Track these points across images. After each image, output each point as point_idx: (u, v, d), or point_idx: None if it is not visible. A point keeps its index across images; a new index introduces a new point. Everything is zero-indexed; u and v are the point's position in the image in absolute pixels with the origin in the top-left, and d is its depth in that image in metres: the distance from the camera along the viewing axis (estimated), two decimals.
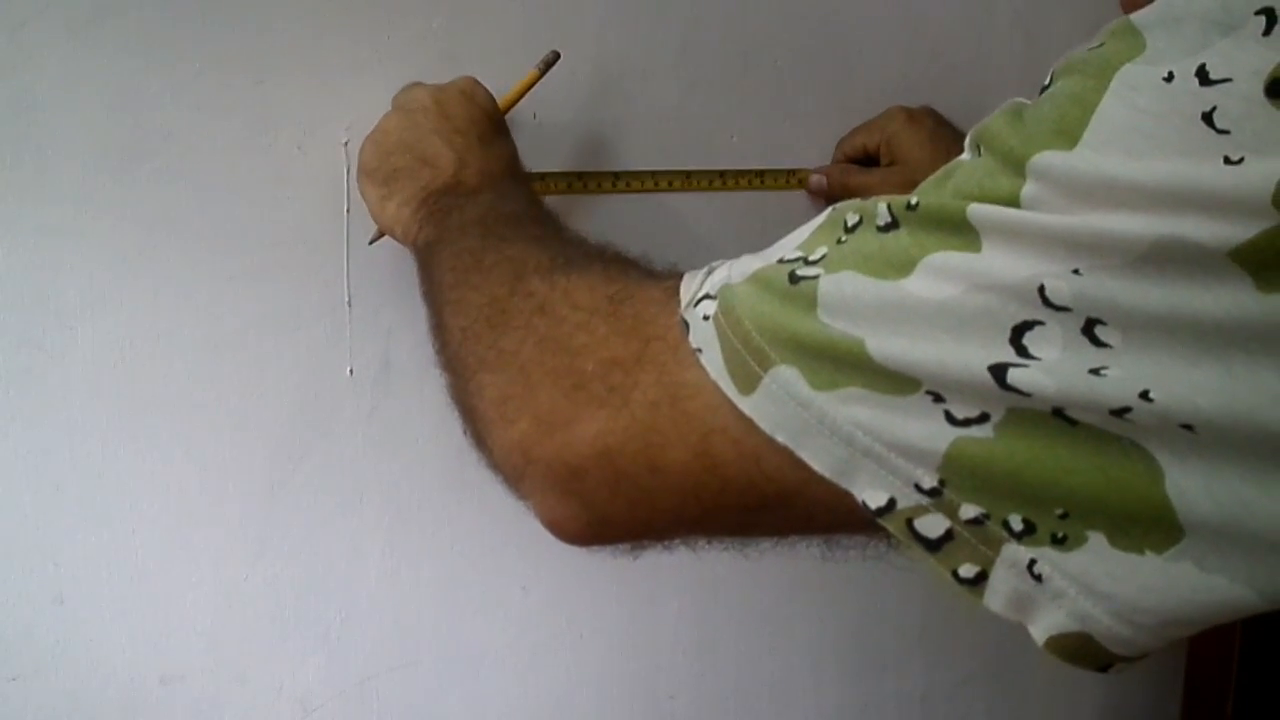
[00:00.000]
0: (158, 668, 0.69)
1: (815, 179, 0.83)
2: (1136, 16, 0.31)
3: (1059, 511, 0.31)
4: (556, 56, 0.70)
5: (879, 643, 0.94)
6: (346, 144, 0.69)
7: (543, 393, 0.41)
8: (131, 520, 0.67)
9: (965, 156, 0.35)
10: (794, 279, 0.36)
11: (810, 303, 0.34)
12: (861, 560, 0.40)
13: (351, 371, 0.72)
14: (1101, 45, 0.32)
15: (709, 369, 0.37)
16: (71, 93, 0.62)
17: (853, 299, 0.34)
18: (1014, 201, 0.32)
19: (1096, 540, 0.31)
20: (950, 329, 0.32)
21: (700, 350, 0.37)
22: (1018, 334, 0.31)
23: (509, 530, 0.78)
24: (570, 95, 0.75)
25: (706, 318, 0.37)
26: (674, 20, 0.77)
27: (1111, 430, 0.30)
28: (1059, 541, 0.31)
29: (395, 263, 0.71)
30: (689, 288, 0.40)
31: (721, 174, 0.80)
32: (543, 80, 0.70)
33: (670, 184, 0.78)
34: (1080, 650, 0.32)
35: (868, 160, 0.83)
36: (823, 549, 0.41)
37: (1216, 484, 0.29)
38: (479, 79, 0.66)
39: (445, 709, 0.78)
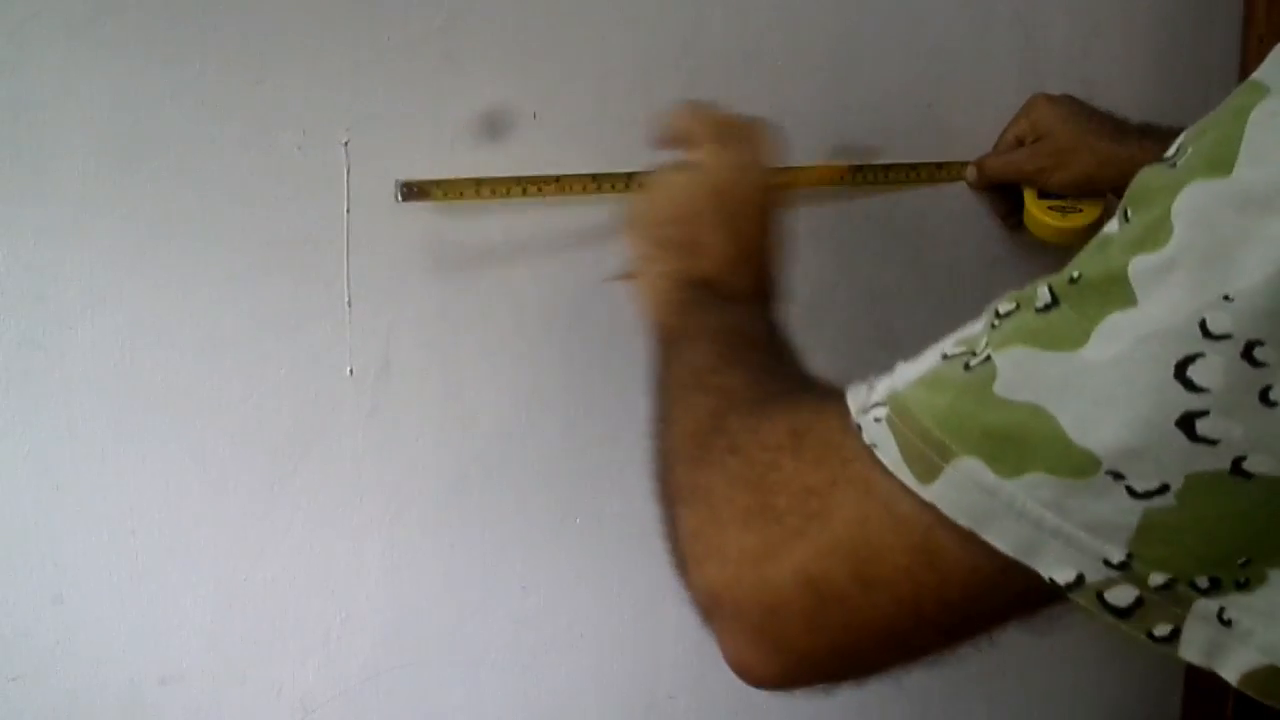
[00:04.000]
0: (158, 668, 0.69)
1: (969, 170, 0.85)
2: (1256, 75, 0.34)
3: (1241, 560, 0.33)
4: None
5: None
6: (346, 144, 0.69)
7: (731, 533, 0.42)
8: (131, 520, 0.67)
9: (1113, 226, 0.36)
10: (967, 368, 0.37)
11: (987, 382, 0.36)
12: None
13: (351, 371, 0.72)
14: (1227, 102, 0.34)
15: (884, 459, 0.37)
16: (71, 93, 0.62)
17: (1032, 373, 0.35)
18: (1169, 240, 0.33)
19: (1277, 576, 0.33)
20: (1123, 383, 0.33)
21: (875, 445, 0.38)
22: (1180, 370, 0.32)
23: (509, 530, 0.78)
24: (573, 94, 0.75)
25: (878, 420, 0.38)
26: (675, 20, 0.77)
27: None
28: (1242, 586, 0.34)
29: (395, 263, 0.71)
30: (856, 399, 0.41)
31: None
32: (543, 81, 0.70)
33: None
34: (1271, 683, 0.34)
35: None
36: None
37: None
38: (763, 131, 0.66)
39: (445, 709, 0.78)
